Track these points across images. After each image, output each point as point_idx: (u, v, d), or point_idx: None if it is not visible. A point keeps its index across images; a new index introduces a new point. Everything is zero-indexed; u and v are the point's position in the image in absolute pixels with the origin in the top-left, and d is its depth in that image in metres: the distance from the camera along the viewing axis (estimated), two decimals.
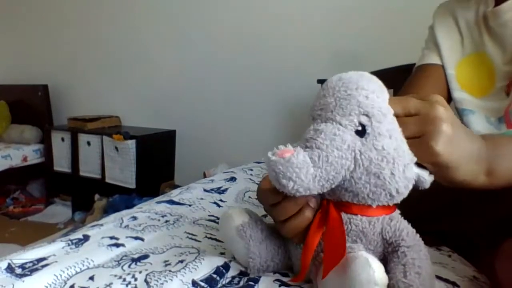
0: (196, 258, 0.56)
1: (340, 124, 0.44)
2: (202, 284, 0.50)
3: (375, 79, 0.48)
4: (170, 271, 0.53)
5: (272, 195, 0.47)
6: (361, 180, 0.43)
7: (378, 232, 0.46)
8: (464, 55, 0.81)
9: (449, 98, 0.83)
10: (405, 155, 0.44)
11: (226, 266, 0.54)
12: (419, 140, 0.44)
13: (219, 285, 0.51)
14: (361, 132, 0.44)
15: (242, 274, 0.53)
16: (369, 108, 0.44)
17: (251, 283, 0.50)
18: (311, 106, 0.48)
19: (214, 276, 0.52)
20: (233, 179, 1.09)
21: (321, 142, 0.43)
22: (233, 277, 0.53)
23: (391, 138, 0.44)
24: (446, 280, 0.52)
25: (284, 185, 0.41)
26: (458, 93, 0.81)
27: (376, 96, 0.45)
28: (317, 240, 0.46)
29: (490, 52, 0.76)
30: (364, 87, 0.45)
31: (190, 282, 0.50)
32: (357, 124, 0.44)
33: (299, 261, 0.47)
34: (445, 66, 0.82)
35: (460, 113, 0.81)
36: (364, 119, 0.44)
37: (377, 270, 0.39)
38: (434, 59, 0.84)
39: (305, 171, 0.41)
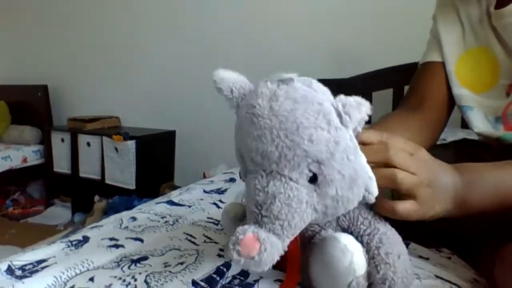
0: (196, 259, 0.56)
1: (291, 179, 0.40)
2: (202, 284, 0.50)
3: (309, 93, 0.42)
4: (170, 271, 0.53)
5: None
6: (319, 219, 0.43)
7: (335, 226, 0.47)
8: (466, 49, 0.79)
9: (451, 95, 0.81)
10: (359, 181, 0.42)
11: (226, 266, 0.54)
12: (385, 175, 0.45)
13: (219, 285, 0.50)
14: (313, 179, 0.41)
15: (242, 273, 0.53)
16: (318, 154, 0.40)
17: (251, 282, 0.50)
18: (243, 143, 0.43)
19: (214, 276, 0.52)
20: (232, 180, 1.09)
21: (278, 211, 0.39)
22: (233, 277, 0.52)
23: (344, 176, 0.41)
24: (448, 281, 0.52)
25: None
26: (458, 90, 0.79)
27: (320, 129, 0.40)
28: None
29: (493, 48, 0.74)
30: (304, 123, 0.39)
31: (190, 282, 0.50)
32: (308, 172, 0.40)
33: None
34: (446, 62, 0.80)
35: (460, 110, 0.80)
36: (314, 168, 0.40)
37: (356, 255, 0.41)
38: (435, 57, 0.82)
39: (277, 253, 0.39)
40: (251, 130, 0.41)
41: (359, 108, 0.41)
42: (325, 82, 0.45)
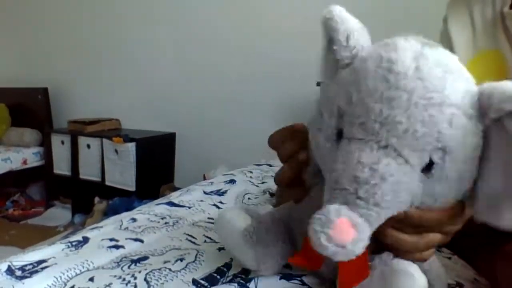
0: (196, 258, 0.56)
1: (407, 162, 0.32)
2: (203, 282, 0.50)
3: (463, 73, 0.35)
4: (170, 269, 0.53)
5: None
6: None
7: None
8: (476, 51, 0.77)
9: None
10: (462, 188, 0.35)
11: (227, 265, 0.54)
12: None
13: (220, 283, 0.50)
14: (426, 169, 0.33)
15: (243, 272, 0.53)
16: (449, 141, 0.32)
17: (250, 276, 0.50)
18: (360, 100, 0.33)
19: (215, 275, 0.52)
20: (232, 181, 1.09)
21: (381, 197, 0.32)
22: (234, 275, 0.52)
23: (459, 179, 0.34)
24: (448, 284, 0.52)
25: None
26: None
27: (462, 113, 0.32)
28: None
29: (504, 50, 0.72)
30: (451, 99, 0.32)
31: (191, 280, 0.50)
32: (427, 160, 0.33)
33: None
34: None
35: None
36: (437, 155, 0.32)
37: (422, 281, 0.36)
38: None
39: (365, 244, 0.32)
40: (380, 88, 0.32)
41: (500, 103, 0.32)
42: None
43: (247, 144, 2.33)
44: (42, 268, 0.55)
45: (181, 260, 0.56)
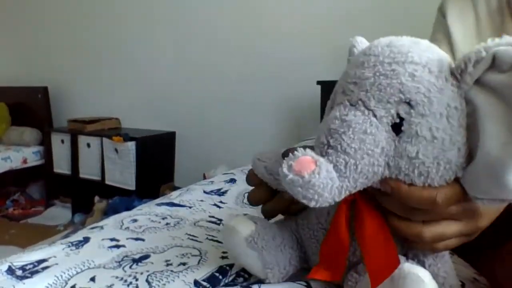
0: (198, 258, 0.56)
1: (374, 115, 0.35)
2: (204, 283, 0.50)
3: (435, 49, 0.37)
4: (172, 271, 0.53)
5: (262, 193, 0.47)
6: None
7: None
8: (481, 42, 0.75)
9: None
10: (449, 156, 0.34)
11: (229, 265, 0.54)
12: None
13: (222, 283, 0.50)
14: (397, 127, 0.35)
15: (246, 270, 0.53)
16: (413, 94, 0.34)
17: (253, 281, 0.50)
18: (344, 73, 0.39)
19: (217, 274, 0.52)
20: (232, 180, 1.09)
21: (348, 143, 0.34)
22: (237, 274, 0.52)
23: (434, 138, 0.34)
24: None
25: (305, 202, 0.34)
26: None
27: (428, 71, 0.35)
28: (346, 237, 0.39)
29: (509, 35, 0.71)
30: (414, 59, 0.35)
31: (192, 282, 0.50)
32: (395, 116, 0.35)
33: (316, 256, 0.44)
34: (458, 57, 0.76)
35: None
36: (403, 110, 0.34)
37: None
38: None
39: (329, 189, 0.33)
40: (358, 59, 0.38)
41: (477, 56, 0.33)
42: (326, 83, 0.44)
43: (247, 143, 2.33)
44: (43, 268, 0.55)
45: (183, 260, 0.56)
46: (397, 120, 0.35)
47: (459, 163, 0.35)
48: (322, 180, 0.32)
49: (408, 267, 0.36)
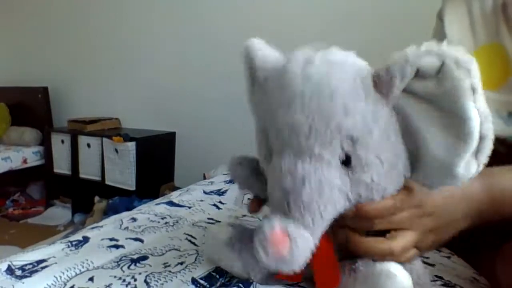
0: (195, 259, 0.56)
1: (322, 159, 0.34)
2: (202, 282, 0.50)
3: (350, 61, 0.36)
4: (170, 271, 0.53)
5: None
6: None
7: None
8: (476, 47, 0.74)
9: None
10: (399, 166, 0.37)
11: None
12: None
13: (219, 283, 0.50)
14: (346, 161, 0.35)
15: None
16: (353, 128, 0.34)
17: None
18: (270, 112, 0.36)
19: (214, 274, 0.52)
20: (232, 181, 1.09)
21: (309, 199, 0.34)
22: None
23: (381, 161, 0.35)
24: (447, 283, 0.52)
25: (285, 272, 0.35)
26: None
27: (355, 96, 0.34)
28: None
29: (505, 43, 0.69)
30: (339, 89, 0.34)
31: (190, 280, 0.50)
32: (341, 153, 0.35)
33: None
34: None
35: None
36: (348, 146, 0.34)
37: (406, 280, 0.36)
38: None
39: (309, 249, 0.34)
40: (280, 98, 0.35)
41: (400, 74, 0.33)
42: None
43: (247, 143, 2.32)
44: (42, 268, 0.55)
45: (181, 260, 0.56)
46: (344, 157, 0.35)
47: (406, 169, 0.37)
48: (301, 249, 0.33)
49: (380, 264, 0.38)
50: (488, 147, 0.33)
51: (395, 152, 0.36)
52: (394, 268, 0.37)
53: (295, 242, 0.33)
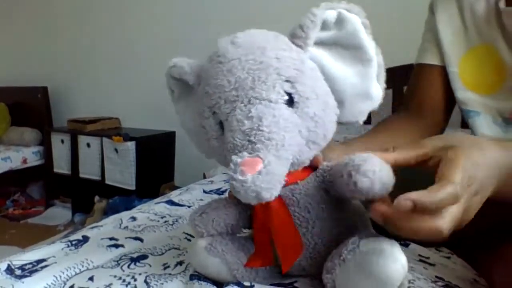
0: None
1: (271, 101, 0.39)
2: (201, 281, 0.50)
3: (265, 31, 0.45)
4: (170, 274, 0.53)
5: None
6: (304, 151, 0.42)
7: (319, 186, 0.44)
8: (469, 48, 0.73)
9: (453, 99, 0.76)
10: (330, 103, 0.43)
11: None
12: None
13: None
14: (290, 102, 0.40)
15: None
16: (288, 71, 0.40)
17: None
18: (214, 88, 0.41)
19: None
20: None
21: (268, 131, 0.38)
22: None
23: (317, 95, 0.41)
24: (448, 284, 0.52)
25: (264, 199, 0.36)
26: (462, 93, 0.73)
27: (282, 50, 0.41)
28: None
29: (499, 46, 0.69)
30: (267, 47, 0.41)
31: (188, 277, 0.51)
32: (284, 94, 0.40)
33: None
34: (447, 63, 0.75)
35: (464, 114, 0.75)
36: (288, 87, 0.40)
37: (405, 263, 0.38)
38: (432, 59, 0.77)
39: (281, 170, 0.37)
40: (219, 70, 0.41)
41: (312, 26, 0.42)
42: None
43: None
44: (42, 267, 0.55)
45: (180, 259, 0.57)
46: (287, 96, 0.40)
47: (335, 107, 0.43)
48: (274, 166, 0.36)
49: (368, 242, 0.39)
50: (384, 73, 0.45)
51: (324, 90, 0.42)
52: (386, 244, 0.38)
53: (267, 160, 0.36)
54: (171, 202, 0.87)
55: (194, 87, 0.47)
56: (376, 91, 0.44)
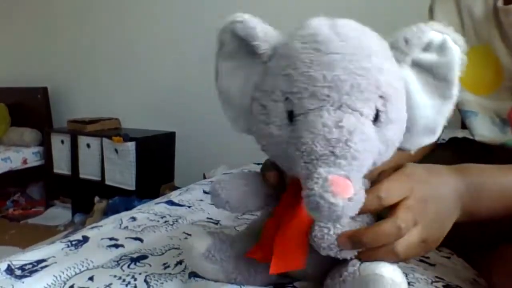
0: None
1: (362, 115, 0.36)
2: (199, 277, 0.50)
3: (365, 27, 0.40)
4: (170, 274, 0.53)
5: None
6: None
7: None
8: (466, 48, 0.74)
9: None
10: (401, 134, 0.40)
11: None
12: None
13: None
14: (375, 120, 0.37)
15: None
16: (386, 87, 0.36)
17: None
18: (301, 75, 0.36)
19: None
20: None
21: (355, 149, 0.34)
22: None
23: (401, 119, 0.39)
24: (448, 284, 0.52)
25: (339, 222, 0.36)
26: (460, 93, 0.74)
27: (386, 62, 0.38)
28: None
29: (496, 46, 0.69)
30: (376, 51, 0.37)
31: (187, 275, 0.51)
32: (374, 110, 0.36)
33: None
34: None
35: (463, 115, 0.75)
36: (380, 104, 0.37)
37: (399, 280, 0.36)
38: None
39: (363, 197, 0.35)
40: (316, 59, 0.36)
41: (418, 43, 0.39)
42: None
43: (247, 143, 2.32)
44: (42, 268, 0.55)
45: (180, 258, 0.57)
46: (375, 113, 0.37)
47: (404, 132, 0.41)
48: (361, 193, 0.34)
49: (366, 267, 0.37)
50: (452, 111, 0.43)
51: (404, 115, 0.40)
52: (386, 269, 0.36)
53: (358, 188, 0.33)
54: (171, 203, 0.87)
55: (263, 57, 0.41)
56: (441, 128, 0.43)
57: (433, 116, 0.41)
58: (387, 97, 0.37)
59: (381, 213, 0.41)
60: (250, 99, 0.41)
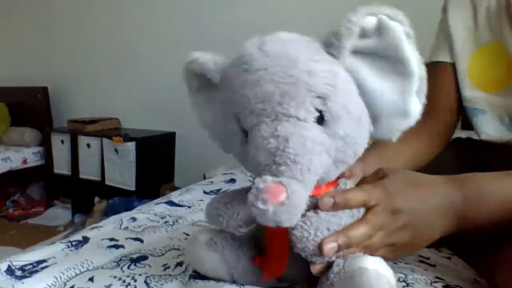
0: None
1: (299, 119, 0.37)
2: (199, 279, 0.50)
3: (296, 36, 0.41)
4: (170, 275, 0.53)
5: None
6: (331, 169, 0.40)
7: None
8: (479, 46, 0.73)
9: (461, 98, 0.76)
10: (363, 119, 0.40)
11: None
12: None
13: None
14: (320, 120, 0.38)
15: None
16: (320, 87, 0.37)
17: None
18: (239, 97, 0.38)
19: None
20: (232, 180, 1.09)
21: (294, 153, 0.36)
22: None
23: (350, 112, 0.38)
24: (448, 285, 0.52)
25: (283, 227, 0.36)
26: (470, 92, 0.73)
27: (315, 63, 0.38)
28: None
29: (508, 42, 0.68)
30: (299, 57, 0.37)
31: (188, 276, 0.50)
32: (314, 111, 0.37)
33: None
34: (457, 60, 0.74)
35: (470, 113, 0.74)
36: (319, 104, 0.37)
37: (390, 277, 0.37)
38: (445, 56, 0.76)
39: (304, 198, 0.36)
40: (245, 79, 0.38)
41: (348, 34, 0.38)
42: None
43: None
44: (42, 268, 0.55)
45: (180, 259, 0.57)
46: (318, 114, 0.37)
47: (369, 123, 0.41)
48: (297, 196, 0.35)
49: (350, 262, 0.38)
50: (425, 87, 0.41)
51: (358, 106, 0.39)
52: (369, 262, 0.38)
53: (290, 189, 0.34)
54: (171, 203, 0.87)
55: (219, 86, 0.44)
56: (415, 108, 0.40)
57: (398, 97, 0.40)
58: (324, 96, 0.37)
59: None
60: (221, 126, 0.44)
